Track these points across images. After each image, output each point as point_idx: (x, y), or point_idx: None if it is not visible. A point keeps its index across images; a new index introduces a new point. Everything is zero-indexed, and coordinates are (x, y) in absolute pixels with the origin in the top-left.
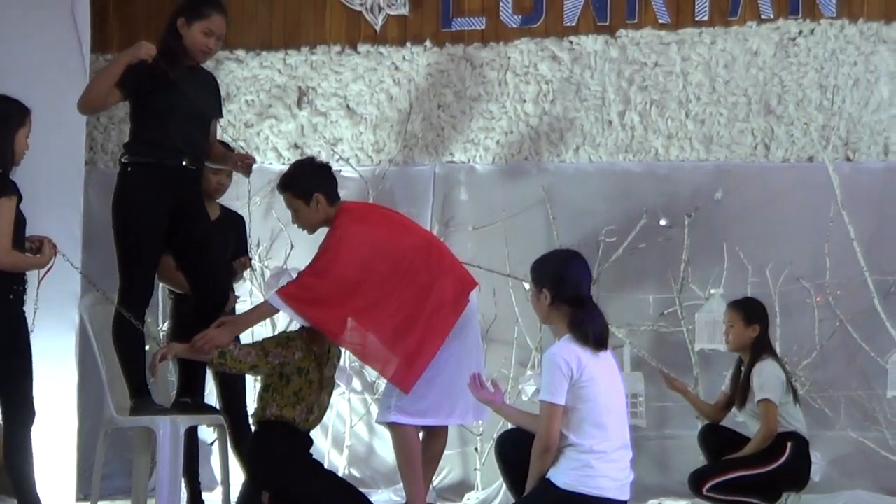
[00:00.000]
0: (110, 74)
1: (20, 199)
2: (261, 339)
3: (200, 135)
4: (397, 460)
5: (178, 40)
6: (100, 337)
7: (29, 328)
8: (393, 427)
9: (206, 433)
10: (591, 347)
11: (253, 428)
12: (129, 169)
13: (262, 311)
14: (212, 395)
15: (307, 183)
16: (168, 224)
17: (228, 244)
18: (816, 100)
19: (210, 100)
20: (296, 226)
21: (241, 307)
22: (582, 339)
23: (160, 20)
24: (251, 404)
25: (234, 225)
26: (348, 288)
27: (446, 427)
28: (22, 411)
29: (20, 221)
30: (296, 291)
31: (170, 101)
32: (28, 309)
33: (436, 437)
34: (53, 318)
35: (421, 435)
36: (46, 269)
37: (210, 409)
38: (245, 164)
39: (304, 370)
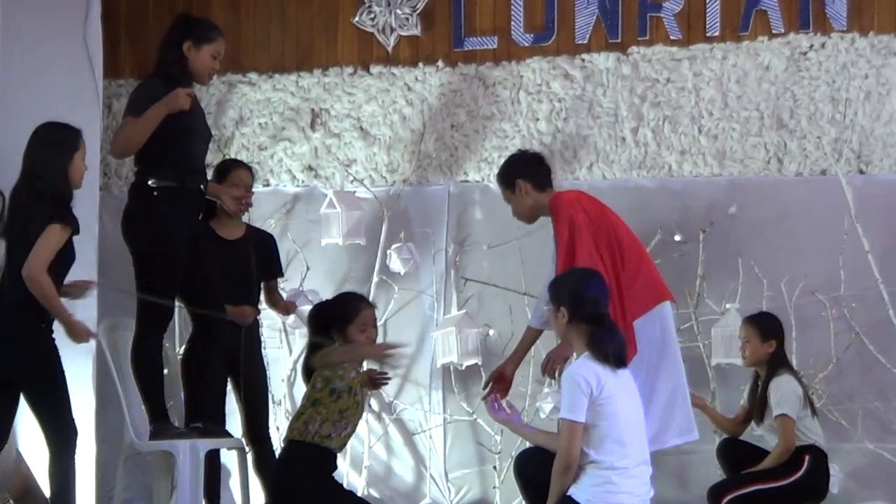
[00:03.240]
0: (149, 125)
1: (75, 232)
2: None
3: (205, 157)
4: None
5: (183, 63)
6: (118, 362)
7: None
8: None
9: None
10: (611, 366)
11: (283, 444)
12: (156, 193)
13: None
14: (232, 417)
15: (507, 172)
16: None
17: (249, 264)
18: (829, 113)
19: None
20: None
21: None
22: (601, 357)
23: None
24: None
25: (262, 244)
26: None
27: None
28: (66, 433)
29: (69, 257)
30: None
31: (187, 123)
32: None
33: None
34: (70, 344)
35: None
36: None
37: (225, 433)
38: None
39: (353, 390)
